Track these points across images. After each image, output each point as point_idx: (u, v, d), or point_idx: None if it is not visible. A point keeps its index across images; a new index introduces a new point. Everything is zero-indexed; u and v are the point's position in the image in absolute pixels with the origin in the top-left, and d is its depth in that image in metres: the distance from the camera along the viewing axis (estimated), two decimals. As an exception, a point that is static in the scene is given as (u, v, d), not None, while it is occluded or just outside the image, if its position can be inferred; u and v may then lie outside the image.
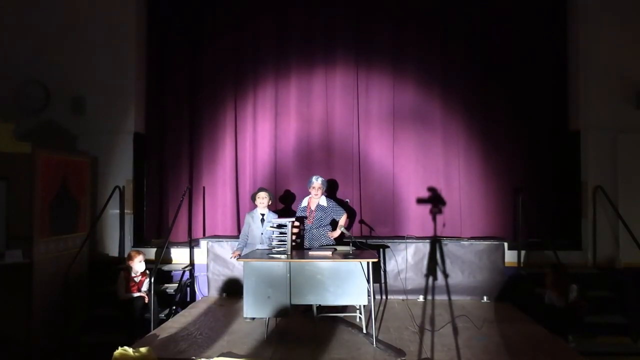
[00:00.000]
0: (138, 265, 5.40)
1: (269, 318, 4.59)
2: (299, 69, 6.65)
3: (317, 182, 5.37)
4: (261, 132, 6.69)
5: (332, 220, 5.47)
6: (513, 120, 6.40)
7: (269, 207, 5.60)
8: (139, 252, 5.50)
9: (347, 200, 6.37)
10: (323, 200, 5.42)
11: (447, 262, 5.99)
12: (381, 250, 5.99)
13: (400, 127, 6.53)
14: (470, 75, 6.44)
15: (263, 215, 5.46)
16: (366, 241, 6.05)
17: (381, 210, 6.52)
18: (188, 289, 6.13)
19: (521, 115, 6.40)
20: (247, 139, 6.72)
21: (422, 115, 6.50)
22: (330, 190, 6.29)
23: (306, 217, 5.43)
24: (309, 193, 5.45)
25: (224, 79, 6.72)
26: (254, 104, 6.71)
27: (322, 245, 5.28)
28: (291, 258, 4.50)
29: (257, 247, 5.28)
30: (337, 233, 5.32)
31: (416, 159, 6.49)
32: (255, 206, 5.54)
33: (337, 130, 6.59)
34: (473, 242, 6.04)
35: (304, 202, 5.52)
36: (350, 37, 6.59)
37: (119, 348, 3.83)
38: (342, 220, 5.40)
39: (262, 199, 5.45)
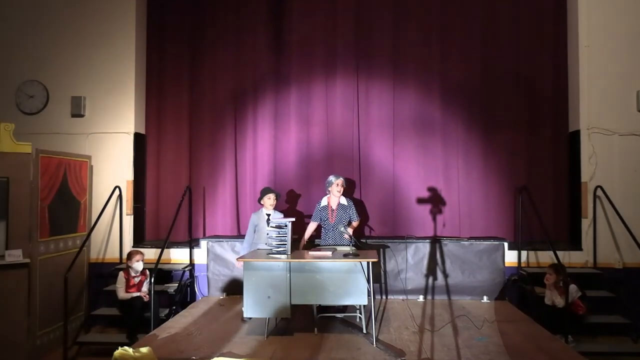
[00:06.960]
0: (137, 265, 5.41)
1: (269, 318, 4.59)
2: (299, 66, 6.64)
3: (339, 180, 5.35)
4: (261, 130, 6.68)
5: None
6: (513, 120, 6.39)
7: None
8: (138, 252, 5.50)
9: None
10: (344, 200, 5.42)
11: (447, 262, 6.00)
12: (381, 250, 5.99)
13: (400, 127, 6.51)
14: (470, 74, 6.44)
15: (269, 215, 5.43)
16: (366, 241, 6.05)
17: (381, 213, 6.49)
18: (188, 289, 6.13)
19: (521, 114, 6.39)
20: (248, 138, 6.70)
21: (422, 114, 6.48)
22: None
23: (324, 218, 5.41)
24: (325, 193, 5.43)
25: (224, 78, 6.71)
26: (255, 102, 6.70)
27: (342, 245, 5.23)
28: (291, 258, 4.50)
29: (258, 247, 5.27)
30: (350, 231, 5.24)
31: (416, 160, 6.47)
32: (261, 206, 5.53)
33: (338, 129, 6.58)
34: (473, 242, 6.04)
35: (323, 202, 5.49)
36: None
37: (119, 348, 3.82)
38: (356, 223, 5.42)
39: (273, 200, 5.43)
